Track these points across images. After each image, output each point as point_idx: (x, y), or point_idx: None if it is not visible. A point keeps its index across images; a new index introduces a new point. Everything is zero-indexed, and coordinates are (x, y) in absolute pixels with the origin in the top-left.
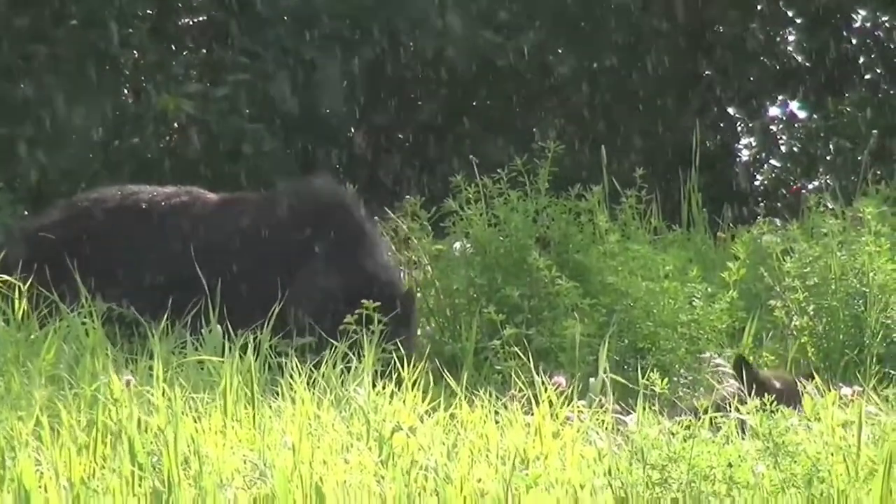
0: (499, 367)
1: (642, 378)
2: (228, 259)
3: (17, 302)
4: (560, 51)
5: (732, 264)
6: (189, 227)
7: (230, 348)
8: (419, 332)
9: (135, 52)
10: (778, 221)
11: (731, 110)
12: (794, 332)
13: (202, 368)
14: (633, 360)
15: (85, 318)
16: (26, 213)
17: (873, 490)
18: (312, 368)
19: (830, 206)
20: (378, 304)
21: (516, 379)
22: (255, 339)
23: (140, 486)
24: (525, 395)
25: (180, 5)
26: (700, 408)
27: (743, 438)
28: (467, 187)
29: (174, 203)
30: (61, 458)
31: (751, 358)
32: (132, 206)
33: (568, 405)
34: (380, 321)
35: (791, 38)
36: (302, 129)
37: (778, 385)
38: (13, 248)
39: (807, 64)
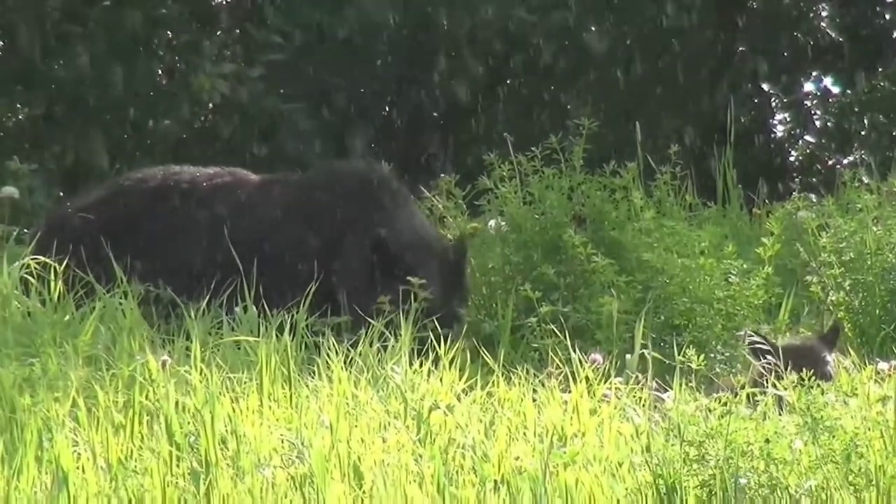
0: (535, 345)
1: (679, 355)
2: (270, 239)
3: (53, 283)
4: (593, 28)
5: (768, 240)
6: (231, 207)
7: (267, 328)
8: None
9: (168, 32)
10: (813, 197)
11: (765, 86)
12: (831, 308)
13: (239, 348)
14: (670, 336)
15: (121, 298)
16: (61, 193)
17: None
18: (349, 347)
19: (865, 181)
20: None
21: (553, 356)
22: (291, 318)
23: (178, 466)
24: (562, 372)
25: None
26: (737, 384)
27: (780, 414)
28: (501, 165)
29: (216, 183)
30: (99, 438)
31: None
32: (174, 186)
33: (605, 382)
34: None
35: (825, 13)
36: (337, 109)
37: (796, 348)
38: (52, 229)
39: (840, 39)
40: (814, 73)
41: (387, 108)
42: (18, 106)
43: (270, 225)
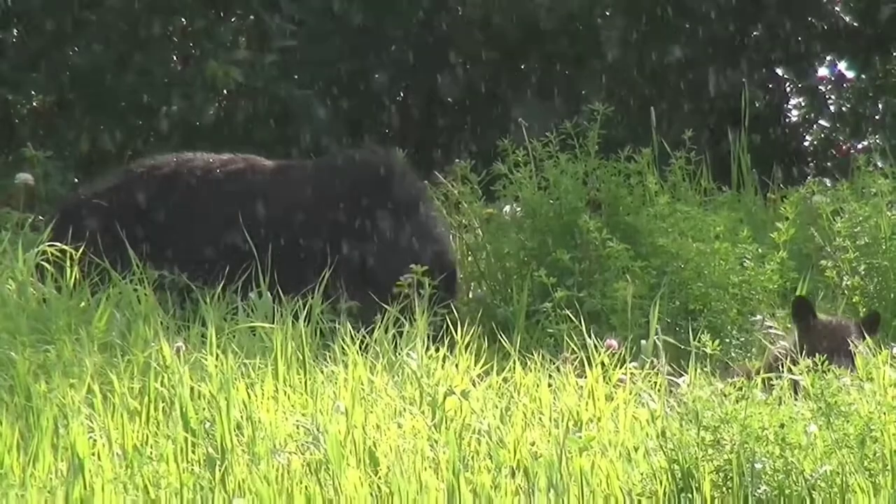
0: (551, 330)
1: (694, 340)
2: (284, 226)
3: (69, 270)
4: (607, 13)
5: (782, 225)
6: (245, 194)
7: (282, 314)
8: (464, 298)
9: (183, 19)
10: (827, 181)
11: (779, 71)
12: (846, 292)
13: (254, 334)
14: (685, 321)
15: (137, 285)
16: (76, 180)
17: None
18: (365, 333)
19: (880, 166)
20: (427, 268)
21: (568, 341)
22: (305, 304)
23: (193, 452)
24: (577, 357)
25: None
26: (752, 369)
27: (796, 399)
28: (516, 151)
29: (230, 170)
30: (114, 425)
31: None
32: (188, 173)
33: (620, 367)
34: (430, 286)
35: None
36: (351, 95)
37: (832, 329)
38: (67, 215)
39: (854, 24)
40: (828, 58)
41: (401, 94)
42: (33, 93)
43: (285, 211)
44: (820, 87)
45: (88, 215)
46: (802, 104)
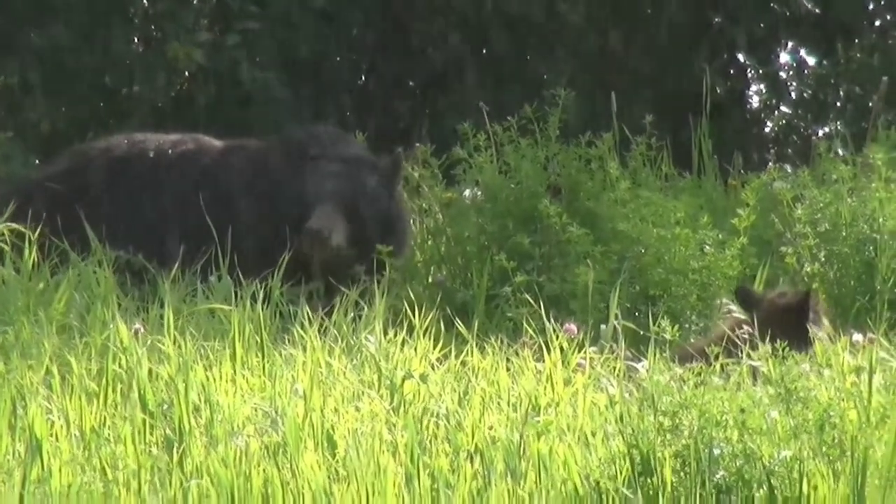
0: (510, 315)
1: (653, 325)
2: (233, 206)
3: (27, 251)
4: None
5: (743, 211)
6: (194, 174)
7: (241, 296)
8: (424, 281)
9: (145, 1)
10: (788, 168)
11: (741, 57)
12: (806, 279)
13: (213, 316)
14: (645, 306)
15: (96, 267)
16: (37, 161)
17: (885, 436)
18: (323, 316)
19: (841, 153)
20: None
21: (527, 326)
22: (264, 286)
23: (151, 434)
24: (536, 342)
25: None
26: (709, 350)
27: (754, 384)
28: (477, 135)
29: (180, 151)
30: (72, 406)
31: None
32: (139, 154)
33: (579, 352)
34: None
35: None
36: (312, 77)
37: (783, 302)
38: (21, 198)
39: (816, 10)
40: (790, 44)
41: (363, 77)
42: None
43: (233, 191)
44: (781, 73)
45: (42, 197)
46: (764, 90)
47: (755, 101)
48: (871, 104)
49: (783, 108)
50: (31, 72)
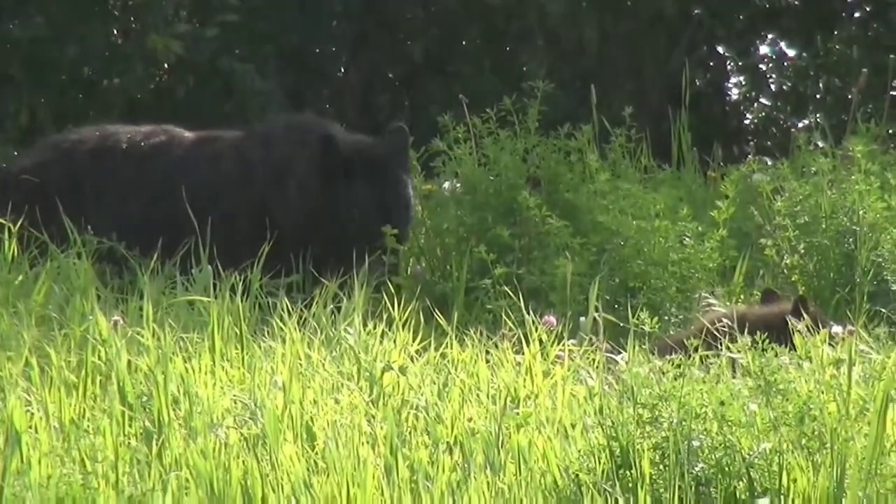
0: (489, 307)
1: (633, 317)
2: (206, 197)
3: (7, 243)
4: None
5: (722, 203)
6: (167, 165)
7: (220, 288)
8: (403, 274)
9: None
10: (768, 160)
11: (720, 49)
12: (785, 271)
13: (192, 308)
14: (624, 298)
15: (74, 259)
16: (16, 153)
17: (864, 428)
18: (303, 308)
19: (820, 145)
20: (363, 239)
21: (507, 318)
22: (244, 278)
23: (130, 426)
24: (516, 334)
25: None
26: (687, 342)
27: (734, 377)
28: (456, 127)
29: (152, 142)
30: (51, 398)
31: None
32: (112, 146)
33: (558, 344)
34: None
35: None
36: (292, 69)
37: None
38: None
39: (796, 2)
40: (770, 36)
41: (342, 69)
42: None
43: (205, 182)
44: (761, 65)
45: (16, 189)
46: (743, 82)
47: (735, 93)
48: (850, 96)
49: (763, 101)
50: (10, 64)
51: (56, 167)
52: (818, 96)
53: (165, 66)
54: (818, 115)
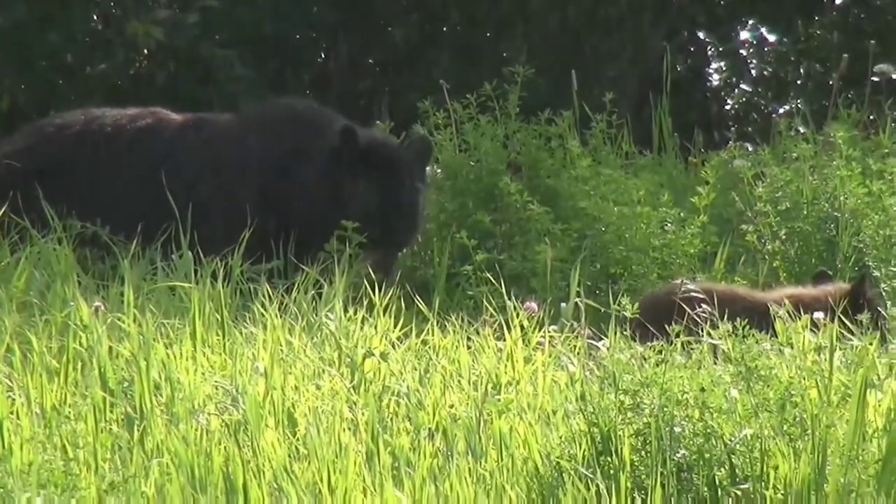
0: (471, 293)
1: (614, 303)
2: (194, 181)
3: None
4: None
5: (703, 189)
6: (154, 149)
7: (201, 274)
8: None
9: None
10: (749, 146)
11: (701, 34)
12: (766, 257)
13: (174, 294)
14: (605, 284)
15: (56, 244)
16: None
17: (846, 415)
18: (284, 294)
19: (801, 131)
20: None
21: (488, 304)
22: (225, 264)
23: (112, 412)
24: (497, 320)
25: None
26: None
27: (715, 363)
28: (437, 112)
29: (139, 125)
30: (33, 384)
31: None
32: (97, 129)
33: (540, 330)
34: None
35: None
36: (273, 55)
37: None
38: None
39: None
40: (750, 22)
41: (323, 55)
42: None
43: (194, 166)
44: (741, 51)
45: (3, 174)
46: (724, 68)
47: (715, 79)
48: (831, 82)
49: (743, 86)
50: None
51: (41, 152)
52: (799, 82)
53: (146, 51)
54: (799, 101)
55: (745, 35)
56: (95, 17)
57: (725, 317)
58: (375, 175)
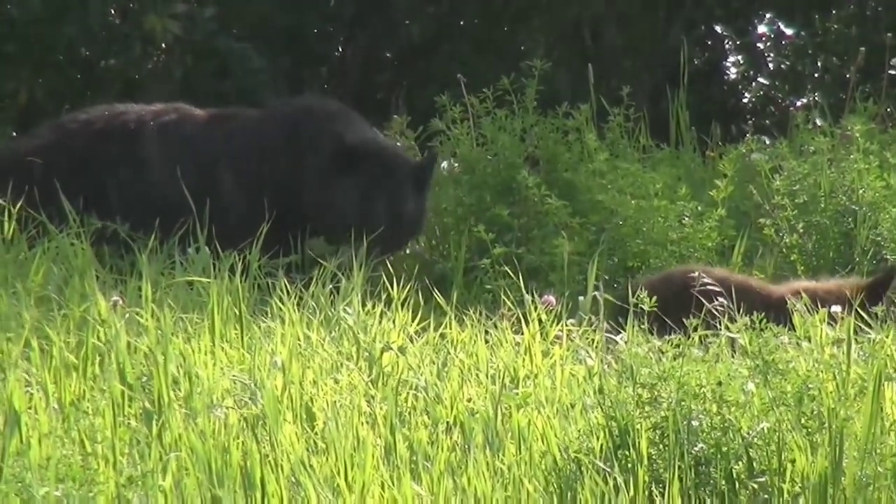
0: (488, 286)
1: (632, 296)
2: (217, 176)
3: (6, 223)
4: None
5: (721, 182)
6: (177, 144)
7: (219, 268)
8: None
9: None
10: (766, 139)
11: (718, 28)
12: (784, 250)
13: (191, 289)
14: (623, 278)
15: (74, 239)
16: (14, 133)
17: (863, 408)
18: (302, 288)
19: (819, 124)
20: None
21: (506, 298)
22: (243, 258)
23: (130, 406)
24: (515, 314)
25: None
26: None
27: (733, 357)
28: (454, 106)
29: (163, 121)
30: (51, 379)
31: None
32: (121, 125)
33: (558, 324)
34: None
35: None
36: (290, 48)
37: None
38: (2, 170)
39: None
40: (768, 15)
41: (340, 49)
42: None
43: (220, 161)
44: (759, 44)
45: (23, 169)
46: (741, 61)
47: (733, 73)
48: (848, 75)
49: (761, 80)
50: (8, 44)
51: (65, 147)
52: (816, 75)
53: (163, 46)
54: (816, 94)
55: (762, 28)
56: (112, 12)
57: (741, 309)
58: (364, 181)
